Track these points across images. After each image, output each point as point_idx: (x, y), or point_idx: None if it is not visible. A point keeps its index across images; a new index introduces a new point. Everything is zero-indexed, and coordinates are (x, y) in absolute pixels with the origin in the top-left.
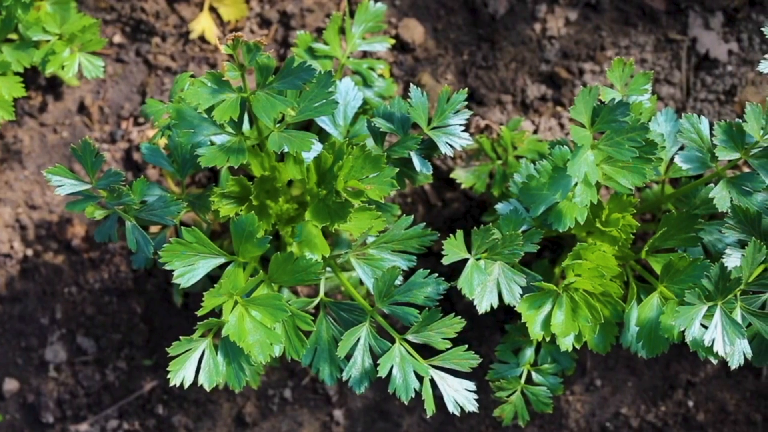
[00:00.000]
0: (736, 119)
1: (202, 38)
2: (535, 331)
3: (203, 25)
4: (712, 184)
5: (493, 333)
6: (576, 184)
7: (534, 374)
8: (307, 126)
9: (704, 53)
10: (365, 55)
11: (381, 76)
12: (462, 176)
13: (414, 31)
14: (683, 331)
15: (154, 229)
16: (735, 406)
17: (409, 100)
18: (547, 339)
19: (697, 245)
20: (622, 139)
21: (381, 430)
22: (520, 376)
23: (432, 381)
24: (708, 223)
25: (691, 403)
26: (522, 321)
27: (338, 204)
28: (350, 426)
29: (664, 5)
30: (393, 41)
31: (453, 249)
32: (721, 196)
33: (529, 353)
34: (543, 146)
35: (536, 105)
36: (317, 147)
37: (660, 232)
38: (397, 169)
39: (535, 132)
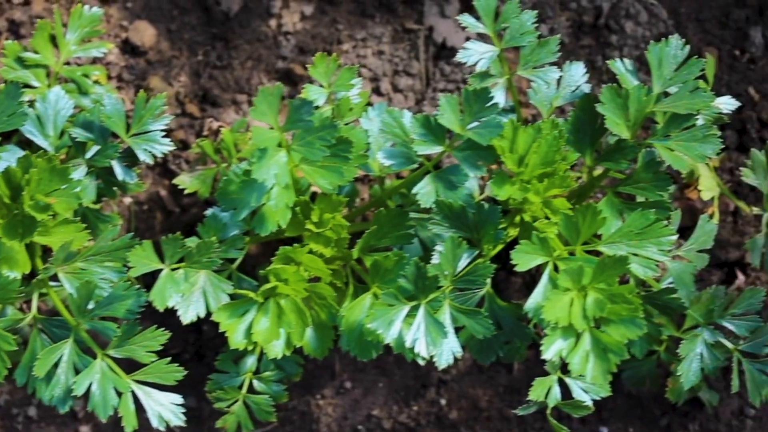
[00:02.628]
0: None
1: None
2: (237, 341)
3: None
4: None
5: None
6: (273, 187)
7: (256, 383)
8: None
9: (441, 42)
10: (94, 61)
11: (97, 82)
12: (186, 181)
13: (144, 33)
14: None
15: None
16: (488, 402)
17: (102, 108)
18: (249, 348)
19: (412, 242)
20: (312, 138)
21: None
22: (241, 386)
23: (136, 396)
24: (421, 219)
25: (443, 402)
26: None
27: (29, 218)
28: None
29: None
30: (111, 45)
31: (141, 260)
32: (426, 192)
33: (250, 361)
34: None
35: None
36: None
37: (371, 230)
38: (84, 182)
39: None
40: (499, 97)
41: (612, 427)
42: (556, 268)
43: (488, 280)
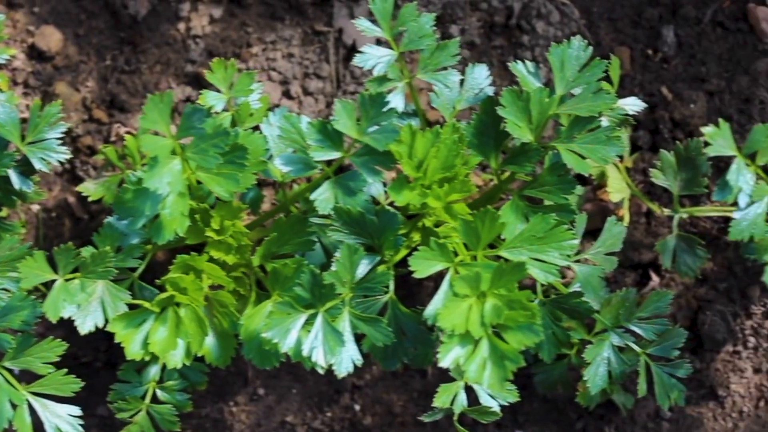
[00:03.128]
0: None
1: None
2: (133, 351)
3: None
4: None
5: None
6: (168, 195)
7: (159, 392)
8: None
9: (351, 44)
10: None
11: None
12: (90, 189)
13: (51, 38)
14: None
15: None
16: (402, 407)
17: None
18: (147, 359)
19: (313, 249)
20: (206, 145)
21: None
22: (144, 395)
23: (33, 408)
24: (323, 225)
25: (357, 407)
26: None
27: None
28: None
29: None
30: (14, 51)
31: (33, 271)
32: (324, 198)
33: (154, 371)
34: None
35: (180, 108)
36: None
37: (271, 237)
38: None
39: None
40: (398, 101)
41: (528, 430)
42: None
43: (391, 286)
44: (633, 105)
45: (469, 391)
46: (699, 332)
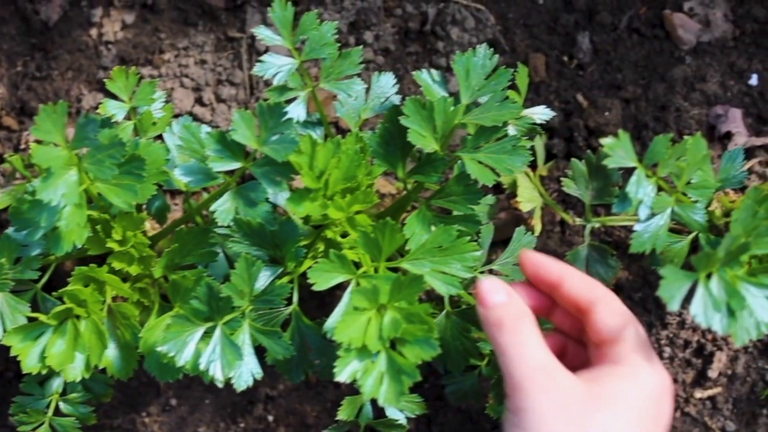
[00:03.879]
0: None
1: None
2: (30, 365)
3: None
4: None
5: None
6: (65, 207)
7: (62, 405)
8: None
9: (264, 50)
10: None
11: None
12: None
13: None
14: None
15: None
16: (316, 418)
17: None
18: (43, 372)
19: (215, 260)
20: (102, 156)
21: None
22: (47, 408)
23: None
24: (226, 235)
25: (271, 418)
26: None
27: None
28: None
29: (223, 2)
30: None
31: None
32: (224, 209)
33: (57, 383)
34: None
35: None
36: None
37: (173, 248)
38: None
39: None
40: (300, 110)
41: None
42: None
43: (295, 298)
44: (542, 114)
45: (376, 403)
46: None
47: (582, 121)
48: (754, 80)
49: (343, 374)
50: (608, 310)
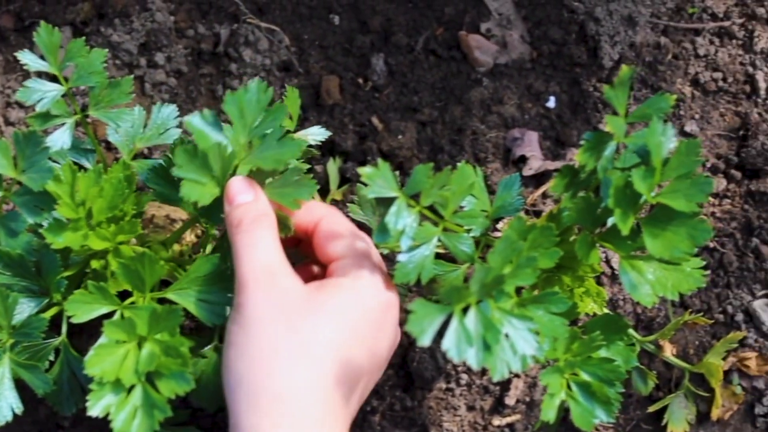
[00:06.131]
0: None
1: None
2: None
3: None
4: None
5: None
6: None
7: None
8: None
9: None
10: None
11: None
12: None
13: None
14: None
15: None
16: None
17: None
18: None
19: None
20: None
21: None
22: None
23: None
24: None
25: None
26: None
27: None
28: None
29: (12, 23)
30: None
31: None
32: None
33: None
34: None
35: None
36: None
37: None
38: None
39: None
40: (65, 138)
41: None
42: None
43: (63, 329)
44: (317, 134)
45: None
46: (409, 370)
47: (376, 145)
48: (551, 102)
49: (95, 409)
50: (329, 227)
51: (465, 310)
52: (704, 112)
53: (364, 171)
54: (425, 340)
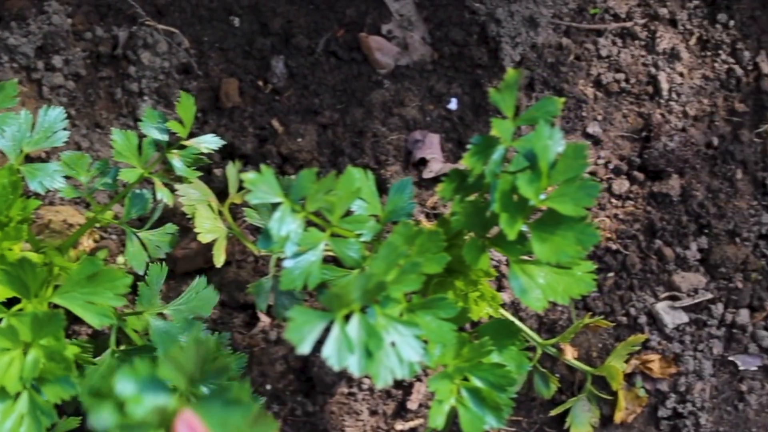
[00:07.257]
0: None
1: None
2: None
3: None
4: None
5: None
6: None
7: None
8: None
9: None
10: None
11: None
12: None
13: None
14: None
15: None
16: None
17: None
18: None
19: None
20: None
21: None
22: None
23: None
24: None
25: None
26: None
27: None
28: None
29: None
30: None
31: None
32: None
33: None
34: None
35: None
36: None
37: None
38: None
39: None
40: None
41: None
42: None
43: None
44: (210, 142)
45: None
46: (310, 374)
47: (275, 148)
48: (453, 104)
49: None
50: None
51: (348, 317)
52: (607, 113)
53: (247, 176)
54: (305, 348)
